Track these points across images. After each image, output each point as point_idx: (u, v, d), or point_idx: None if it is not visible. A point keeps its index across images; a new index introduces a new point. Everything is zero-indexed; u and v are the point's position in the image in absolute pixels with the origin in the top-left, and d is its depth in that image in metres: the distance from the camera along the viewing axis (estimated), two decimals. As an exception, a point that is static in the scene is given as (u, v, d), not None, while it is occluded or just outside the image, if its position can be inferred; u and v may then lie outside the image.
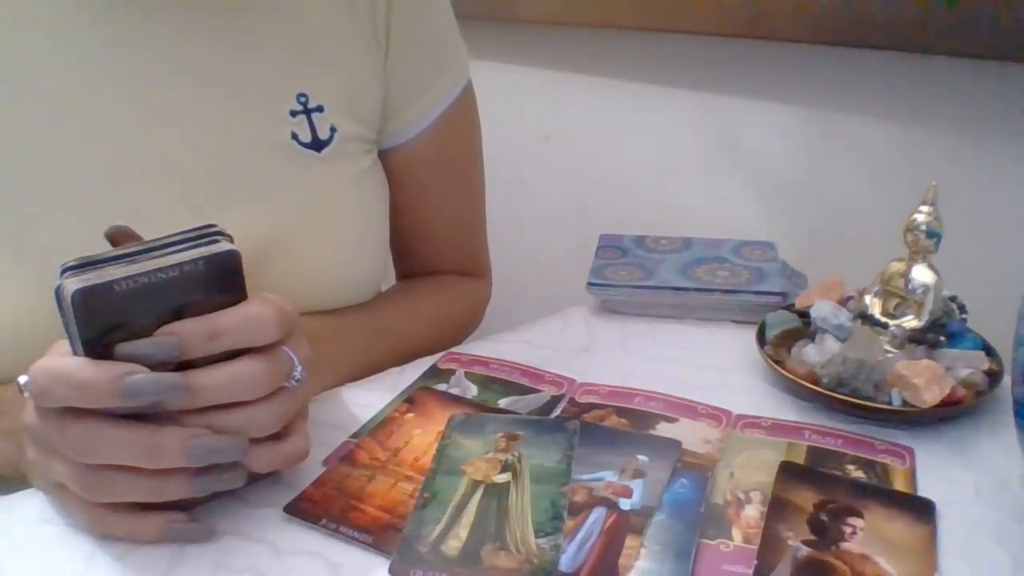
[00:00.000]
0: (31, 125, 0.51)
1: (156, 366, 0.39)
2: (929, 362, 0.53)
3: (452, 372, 0.60)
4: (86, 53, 0.52)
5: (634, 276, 0.69)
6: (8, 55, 0.50)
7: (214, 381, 0.40)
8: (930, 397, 0.51)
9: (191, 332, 0.40)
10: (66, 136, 0.51)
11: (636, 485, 0.46)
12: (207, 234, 0.42)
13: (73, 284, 0.38)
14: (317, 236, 0.58)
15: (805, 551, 0.42)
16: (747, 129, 0.93)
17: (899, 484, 0.48)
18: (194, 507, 0.44)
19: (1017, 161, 0.73)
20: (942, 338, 0.57)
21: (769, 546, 0.42)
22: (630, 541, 0.43)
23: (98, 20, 0.52)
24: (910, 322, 0.57)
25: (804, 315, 0.61)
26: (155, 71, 0.53)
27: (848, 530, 0.43)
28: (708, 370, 0.60)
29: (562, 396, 0.57)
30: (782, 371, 0.56)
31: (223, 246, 0.41)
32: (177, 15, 0.54)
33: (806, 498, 0.46)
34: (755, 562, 0.41)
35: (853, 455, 0.50)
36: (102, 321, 0.39)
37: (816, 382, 0.55)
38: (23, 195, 0.50)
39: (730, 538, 0.43)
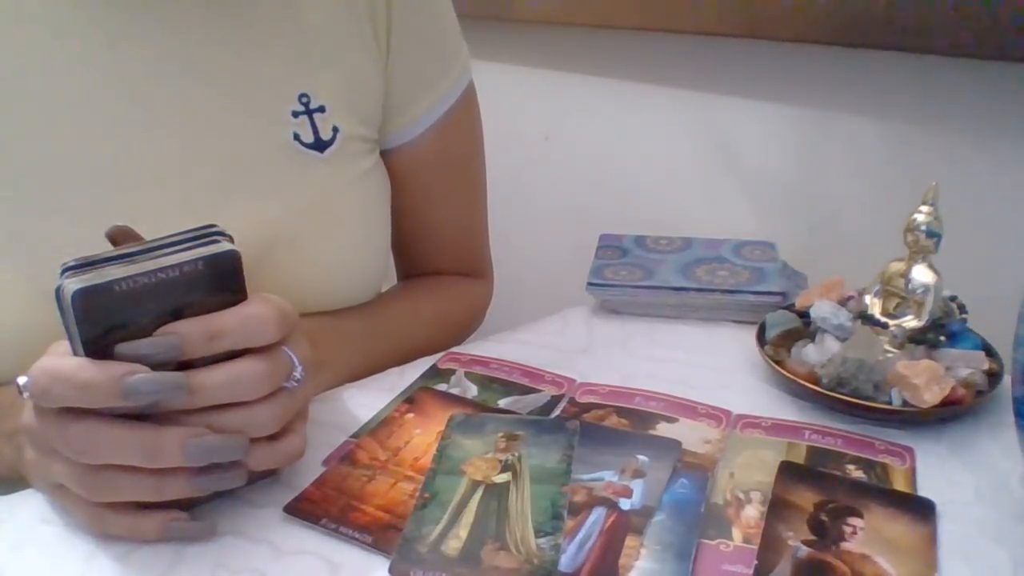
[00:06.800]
0: (29, 126, 0.51)
1: (156, 366, 0.39)
2: (929, 362, 0.53)
3: (452, 372, 0.60)
4: (84, 53, 0.51)
5: (634, 276, 0.69)
6: (4, 55, 0.50)
7: (214, 381, 0.40)
8: (930, 397, 0.51)
9: (191, 332, 0.40)
10: (64, 137, 0.51)
11: (636, 485, 0.46)
12: (207, 234, 0.42)
13: (73, 284, 0.38)
14: (319, 237, 0.58)
15: (805, 551, 0.42)
16: (747, 129, 0.93)
17: (899, 484, 0.48)
18: (194, 506, 0.44)
19: (1017, 161, 0.73)
20: (942, 338, 0.57)
21: (769, 546, 0.42)
22: (630, 541, 0.43)
23: (96, 19, 0.52)
24: (910, 322, 0.57)
25: (804, 315, 0.61)
26: (154, 71, 0.53)
27: (848, 530, 0.43)
28: (708, 370, 0.60)
29: (562, 396, 0.57)
30: (782, 371, 0.56)
31: (223, 246, 0.41)
32: (176, 14, 0.53)
33: (806, 498, 0.46)
34: (755, 562, 0.41)
35: (853, 455, 0.50)
36: (102, 321, 0.39)
37: (816, 382, 0.55)
38: (22, 196, 0.50)
39: (730, 538, 0.43)
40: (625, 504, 0.45)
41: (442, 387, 0.58)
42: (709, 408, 0.55)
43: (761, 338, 0.61)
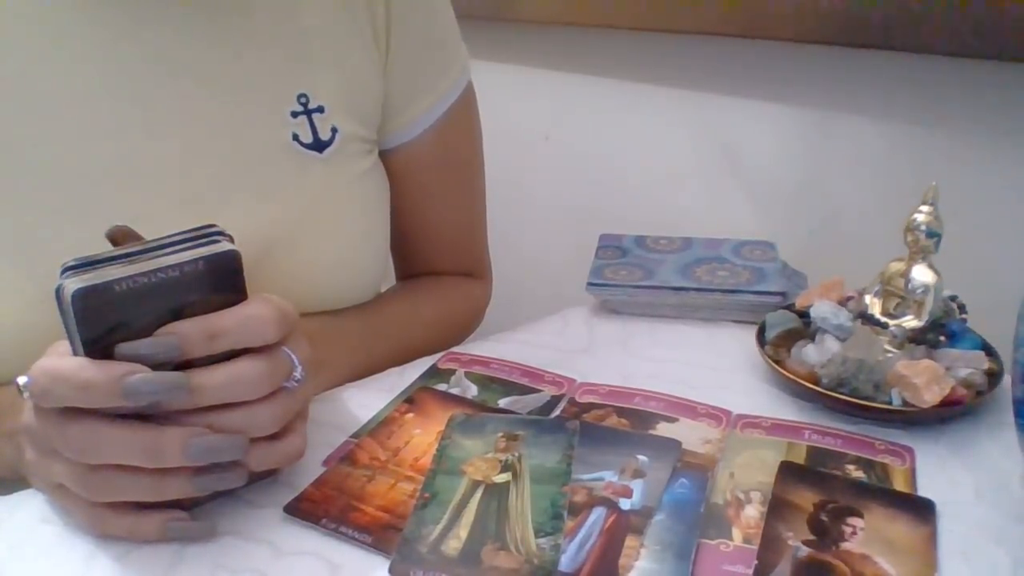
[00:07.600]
0: (29, 127, 0.51)
1: (156, 366, 0.39)
2: (929, 362, 0.53)
3: (452, 372, 0.60)
4: (84, 54, 0.51)
5: (634, 276, 0.69)
6: (5, 57, 0.50)
7: (214, 381, 0.40)
8: (930, 397, 0.51)
9: (191, 332, 0.40)
10: (64, 138, 0.51)
11: (636, 485, 0.46)
12: (207, 234, 0.42)
13: (73, 284, 0.38)
14: (318, 237, 0.58)
15: (805, 551, 0.42)
16: (747, 129, 0.93)
17: (899, 484, 0.48)
18: (195, 507, 0.44)
19: (1017, 161, 0.73)
20: (942, 338, 0.57)
21: (769, 546, 0.42)
22: (630, 541, 0.43)
23: (96, 19, 0.52)
24: (910, 322, 0.57)
25: (804, 315, 0.61)
26: (154, 72, 0.53)
27: (848, 530, 0.43)
28: (708, 370, 0.60)
29: (562, 396, 0.57)
30: (782, 371, 0.56)
31: (223, 246, 0.41)
32: (176, 16, 0.53)
33: (806, 498, 0.46)
34: (755, 562, 0.41)
35: (853, 455, 0.50)
36: (102, 321, 0.39)
37: (816, 382, 0.54)
38: (22, 197, 0.50)
39: (730, 538, 0.43)
40: (625, 504, 0.45)
41: (442, 387, 0.58)
42: (709, 408, 0.55)
43: (761, 338, 0.61)
